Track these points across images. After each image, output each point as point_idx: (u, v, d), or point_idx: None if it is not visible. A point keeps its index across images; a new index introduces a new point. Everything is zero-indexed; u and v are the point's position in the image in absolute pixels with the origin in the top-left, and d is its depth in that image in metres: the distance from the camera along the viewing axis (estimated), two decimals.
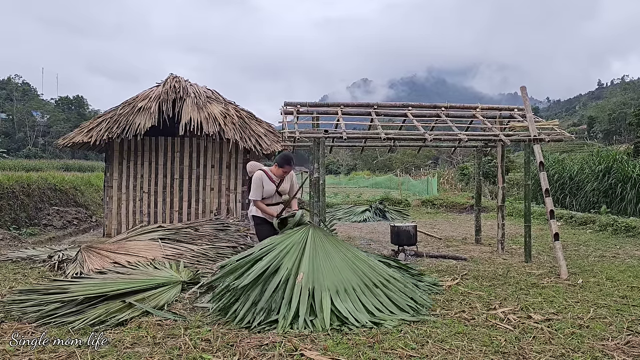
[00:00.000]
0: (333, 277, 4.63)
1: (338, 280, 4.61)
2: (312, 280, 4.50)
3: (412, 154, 45.70)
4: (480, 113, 8.34)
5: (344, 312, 4.21)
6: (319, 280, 4.52)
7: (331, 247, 5.02)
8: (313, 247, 4.90)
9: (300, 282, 4.44)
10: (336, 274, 4.68)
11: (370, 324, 4.13)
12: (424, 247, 8.90)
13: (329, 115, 8.01)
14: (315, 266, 4.68)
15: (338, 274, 4.68)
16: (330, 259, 4.84)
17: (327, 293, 4.40)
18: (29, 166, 29.32)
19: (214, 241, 7.82)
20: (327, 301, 4.30)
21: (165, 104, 9.78)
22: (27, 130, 66.38)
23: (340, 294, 4.46)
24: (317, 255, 4.83)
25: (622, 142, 54.37)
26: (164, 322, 4.26)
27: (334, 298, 4.38)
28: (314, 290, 4.42)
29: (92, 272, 5.82)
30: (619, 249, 8.83)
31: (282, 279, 4.46)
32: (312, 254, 4.81)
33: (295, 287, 4.41)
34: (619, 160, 15.95)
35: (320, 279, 4.55)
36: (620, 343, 3.79)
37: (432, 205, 18.92)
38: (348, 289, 4.55)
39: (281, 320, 4.09)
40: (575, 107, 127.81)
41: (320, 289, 4.43)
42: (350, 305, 4.35)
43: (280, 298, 4.34)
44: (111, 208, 10.14)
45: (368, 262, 5.08)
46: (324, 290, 4.42)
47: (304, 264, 4.65)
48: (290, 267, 4.61)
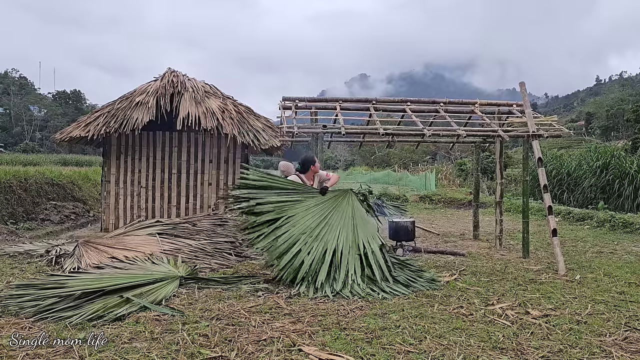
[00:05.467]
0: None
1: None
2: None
3: (411, 149, 45.64)
4: (478, 108, 8.32)
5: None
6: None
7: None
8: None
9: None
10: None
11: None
12: (422, 242, 8.91)
13: (328, 110, 7.99)
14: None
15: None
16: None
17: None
18: (26, 160, 29.16)
19: (212, 236, 7.80)
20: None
21: (163, 99, 9.73)
22: (25, 124, 66.08)
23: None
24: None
25: (619, 138, 54.45)
26: (161, 317, 4.25)
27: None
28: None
29: (89, 267, 5.80)
30: (616, 245, 8.85)
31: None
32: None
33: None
34: (617, 157, 15.99)
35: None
36: (618, 339, 3.80)
37: (430, 200, 18.94)
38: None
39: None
40: (574, 103, 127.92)
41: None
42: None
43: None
44: (109, 203, 10.12)
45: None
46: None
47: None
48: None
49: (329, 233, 5.53)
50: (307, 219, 5.61)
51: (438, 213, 15.78)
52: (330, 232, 5.55)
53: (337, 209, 5.78)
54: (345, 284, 5.15)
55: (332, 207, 5.79)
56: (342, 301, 4.84)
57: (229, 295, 5.05)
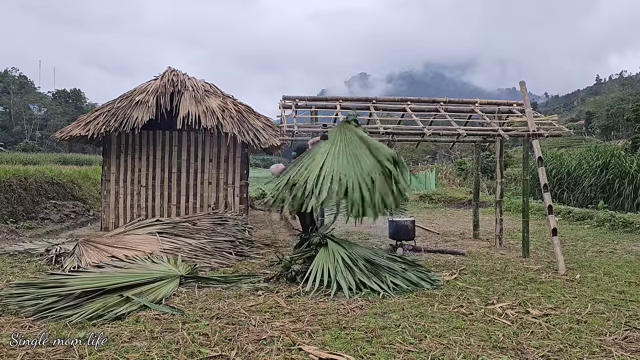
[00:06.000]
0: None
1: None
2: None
3: (410, 148, 45.59)
4: (479, 108, 8.32)
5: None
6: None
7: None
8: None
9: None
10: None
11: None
12: (422, 241, 8.91)
13: (328, 109, 7.99)
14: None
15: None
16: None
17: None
18: (26, 159, 29.12)
19: (212, 235, 7.80)
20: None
21: (163, 98, 9.72)
22: (24, 123, 66.00)
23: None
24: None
25: (619, 137, 54.39)
26: (161, 316, 4.25)
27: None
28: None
29: (89, 266, 5.80)
30: (616, 244, 8.85)
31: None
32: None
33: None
34: (617, 156, 15.98)
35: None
36: (618, 338, 3.80)
37: (430, 200, 18.93)
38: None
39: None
40: (574, 102, 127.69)
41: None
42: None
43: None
44: (109, 202, 10.11)
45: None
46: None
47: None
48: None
49: (340, 167, 5.74)
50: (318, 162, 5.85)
51: (438, 212, 15.78)
52: (342, 166, 5.74)
53: (341, 149, 5.95)
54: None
55: (337, 147, 5.97)
56: (342, 300, 4.84)
57: (229, 294, 5.05)
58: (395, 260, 6.04)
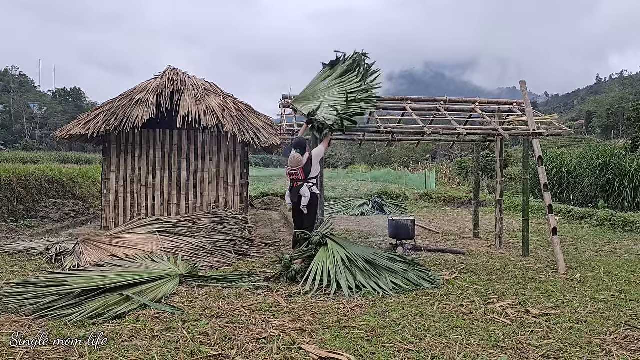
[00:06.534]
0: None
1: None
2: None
3: (411, 147, 45.64)
4: (479, 107, 8.31)
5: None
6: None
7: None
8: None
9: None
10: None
11: None
12: (422, 241, 8.91)
13: None
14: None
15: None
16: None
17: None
18: (26, 158, 29.13)
19: (212, 234, 7.80)
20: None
21: (163, 97, 9.71)
22: (25, 122, 66.02)
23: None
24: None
25: (620, 137, 54.39)
26: (161, 315, 4.25)
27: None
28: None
29: (89, 265, 5.80)
30: (616, 243, 8.85)
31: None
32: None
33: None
34: (617, 155, 15.96)
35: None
36: (618, 338, 3.80)
37: (430, 199, 18.92)
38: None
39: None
40: (574, 101, 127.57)
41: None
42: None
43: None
44: (109, 200, 10.11)
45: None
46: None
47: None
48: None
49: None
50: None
51: (438, 211, 15.78)
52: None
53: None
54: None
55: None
56: (342, 299, 4.84)
57: (229, 293, 5.05)
58: (395, 259, 6.06)
